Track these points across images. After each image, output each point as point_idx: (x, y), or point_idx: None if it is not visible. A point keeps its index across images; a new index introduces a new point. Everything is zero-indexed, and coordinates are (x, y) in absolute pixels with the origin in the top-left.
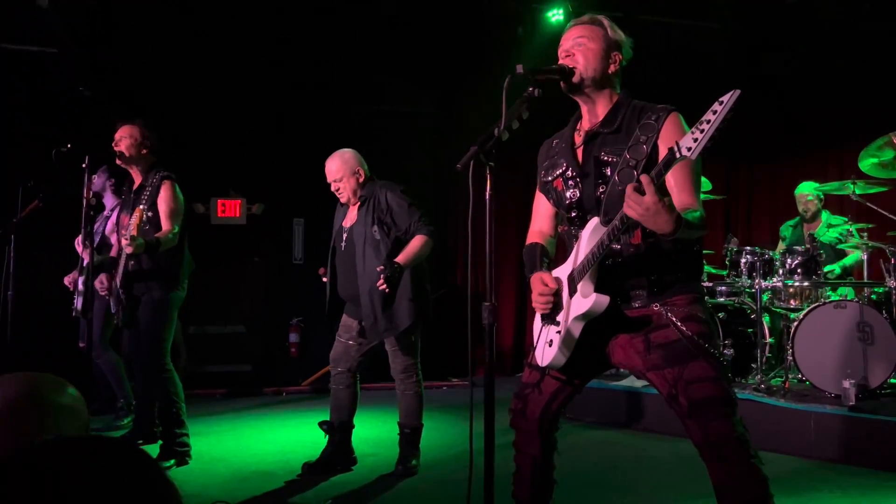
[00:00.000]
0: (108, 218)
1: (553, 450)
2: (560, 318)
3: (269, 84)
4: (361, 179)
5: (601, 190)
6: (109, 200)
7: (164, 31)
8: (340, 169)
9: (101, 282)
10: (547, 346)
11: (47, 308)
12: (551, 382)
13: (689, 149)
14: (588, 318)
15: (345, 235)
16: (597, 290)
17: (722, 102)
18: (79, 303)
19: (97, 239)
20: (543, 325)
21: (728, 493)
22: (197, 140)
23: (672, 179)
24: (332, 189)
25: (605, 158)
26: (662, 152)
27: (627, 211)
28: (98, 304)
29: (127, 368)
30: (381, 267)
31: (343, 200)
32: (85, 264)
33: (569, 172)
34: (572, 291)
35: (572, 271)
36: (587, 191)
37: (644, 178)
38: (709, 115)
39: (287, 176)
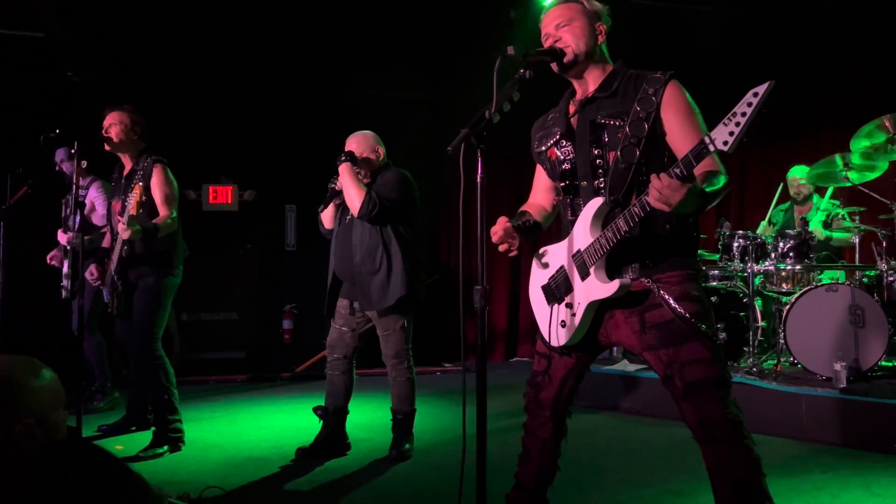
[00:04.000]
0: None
1: (563, 436)
2: (570, 299)
3: (260, 70)
4: (380, 158)
5: (596, 152)
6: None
7: (154, 16)
8: (360, 144)
9: (90, 273)
10: (559, 326)
11: (37, 293)
12: (560, 368)
13: (726, 143)
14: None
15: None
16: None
17: (757, 94)
18: (66, 284)
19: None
20: (551, 306)
21: (721, 474)
22: (188, 126)
23: (683, 143)
24: None
25: (602, 121)
26: (668, 123)
27: (655, 204)
28: (88, 287)
29: (120, 355)
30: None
31: (361, 178)
32: (69, 247)
33: (563, 140)
34: (583, 274)
35: (578, 251)
36: (581, 156)
37: (666, 181)
38: (743, 108)
39: (279, 162)
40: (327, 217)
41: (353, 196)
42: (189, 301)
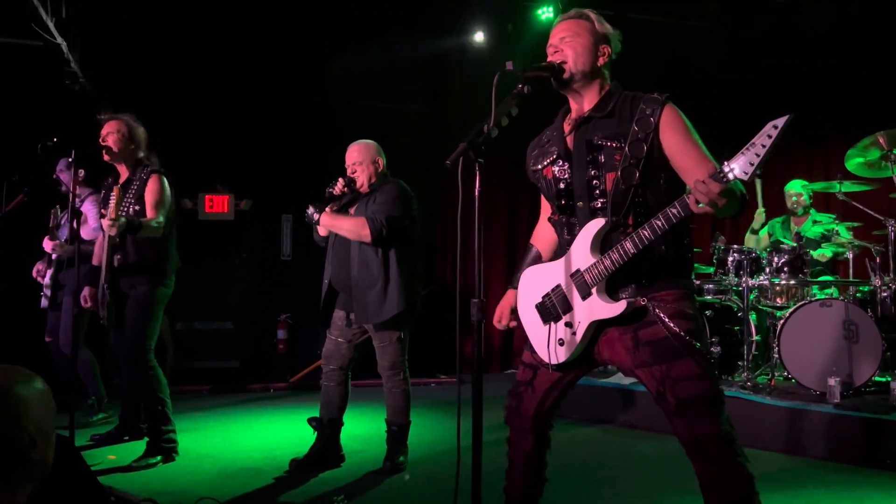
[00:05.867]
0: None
1: (546, 447)
2: (570, 318)
3: (258, 79)
4: (380, 169)
5: (593, 172)
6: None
7: (152, 26)
8: (362, 153)
9: (84, 299)
10: (558, 345)
11: (32, 302)
12: (545, 380)
13: (746, 172)
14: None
15: None
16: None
17: (776, 127)
18: (47, 293)
19: (65, 232)
20: (548, 324)
21: (714, 491)
22: (185, 135)
23: (689, 160)
24: (349, 172)
25: (599, 142)
26: (667, 145)
27: (696, 209)
28: (68, 300)
29: (114, 365)
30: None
31: (358, 185)
32: (53, 255)
33: (559, 160)
34: (584, 293)
35: (578, 271)
36: (578, 176)
37: (713, 184)
38: (763, 140)
39: (275, 172)
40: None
41: (356, 228)
42: (183, 310)
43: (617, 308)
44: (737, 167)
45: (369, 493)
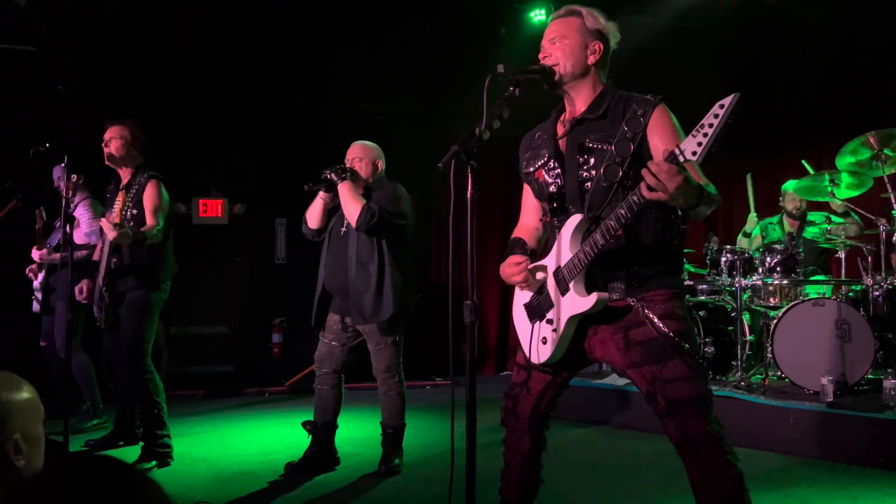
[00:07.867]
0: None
1: (542, 449)
2: (552, 315)
3: (252, 84)
4: (379, 171)
5: (584, 175)
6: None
7: (144, 31)
8: (363, 151)
9: (80, 290)
10: (541, 343)
11: (26, 307)
12: (539, 381)
13: (695, 153)
14: (584, 315)
15: (345, 221)
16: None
17: (723, 106)
18: (38, 297)
19: (57, 237)
20: (533, 323)
21: (704, 490)
22: (178, 139)
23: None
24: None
25: (590, 145)
26: (654, 146)
27: (648, 195)
28: (61, 305)
29: (108, 370)
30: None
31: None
32: (41, 260)
33: (551, 162)
34: (563, 289)
35: (559, 268)
36: (570, 180)
37: (663, 165)
38: (710, 119)
39: (269, 175)
40: (313, 215)
41: (352, 208)
42: (178, 314)
43: (587, 302)
44: (687, 149)
45: (365, 496)
